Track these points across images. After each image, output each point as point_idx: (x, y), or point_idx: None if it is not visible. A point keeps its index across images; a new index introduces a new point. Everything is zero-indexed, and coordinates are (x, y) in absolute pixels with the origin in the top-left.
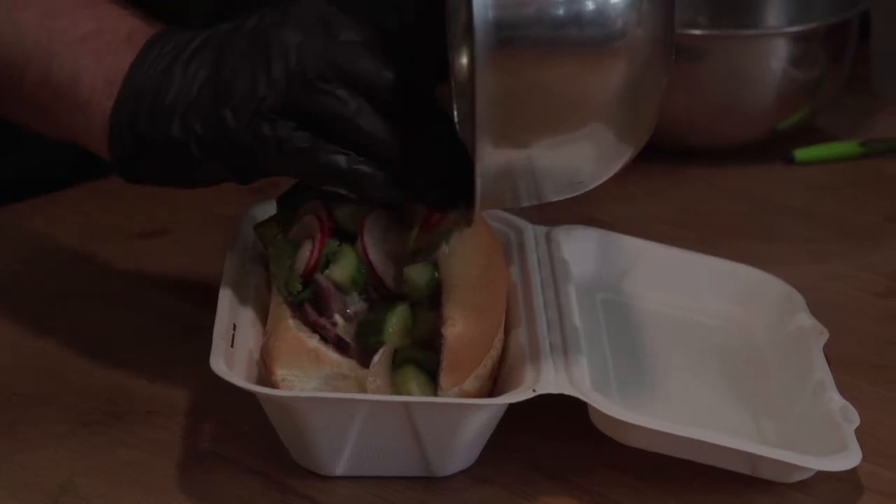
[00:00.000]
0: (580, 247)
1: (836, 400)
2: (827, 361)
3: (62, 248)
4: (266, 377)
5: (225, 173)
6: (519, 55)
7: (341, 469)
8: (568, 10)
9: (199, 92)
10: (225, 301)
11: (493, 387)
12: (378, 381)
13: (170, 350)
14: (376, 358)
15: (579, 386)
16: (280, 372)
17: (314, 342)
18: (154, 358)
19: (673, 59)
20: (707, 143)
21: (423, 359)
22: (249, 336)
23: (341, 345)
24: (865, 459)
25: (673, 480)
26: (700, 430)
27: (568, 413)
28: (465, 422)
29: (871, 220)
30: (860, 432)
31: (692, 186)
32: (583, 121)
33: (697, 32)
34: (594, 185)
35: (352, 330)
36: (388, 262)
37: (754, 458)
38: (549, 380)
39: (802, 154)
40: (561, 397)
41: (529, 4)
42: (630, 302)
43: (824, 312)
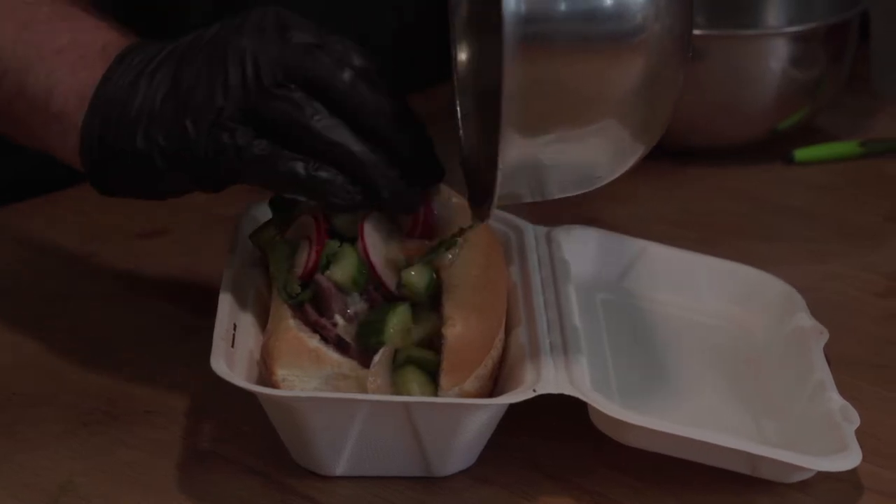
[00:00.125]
0: (580, 247)
1: (836, 400)
2: (827, 361)
3: (62, 248)
4: (266, 377)
5: (189, 184)
6: (547, 49)
7: (341, 469)
8: (596, 4)
9: (162, 104)
10: (225, 301)
11: (494, 387)
12: (378, 382)
13: (170, 350)
14: (377, 358)
15: (579, 386)
16: (280, 372)
17: (315, 342)
18: (154, 358)
19: (689, 57)
20: (707, 143)
21: (424, 359)
22: (250, 336)
23: (342, 345)
24: (865, 459)
25: (673, 480)
26: (700, 430)
27: (568, 413)
28: (466, 422)
29: (871, 220)
30: (860, 432)
31: (692, 186)
32: (603, 115)
33: (697, 32)
34: (609, 180)
35: (352, 330)
36: (389, 263)
37: (754, 458)
38: (550, 380)
39: (802, 154)
40: (561, 397)
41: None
42: (630, 302)
43: (824, 312)
